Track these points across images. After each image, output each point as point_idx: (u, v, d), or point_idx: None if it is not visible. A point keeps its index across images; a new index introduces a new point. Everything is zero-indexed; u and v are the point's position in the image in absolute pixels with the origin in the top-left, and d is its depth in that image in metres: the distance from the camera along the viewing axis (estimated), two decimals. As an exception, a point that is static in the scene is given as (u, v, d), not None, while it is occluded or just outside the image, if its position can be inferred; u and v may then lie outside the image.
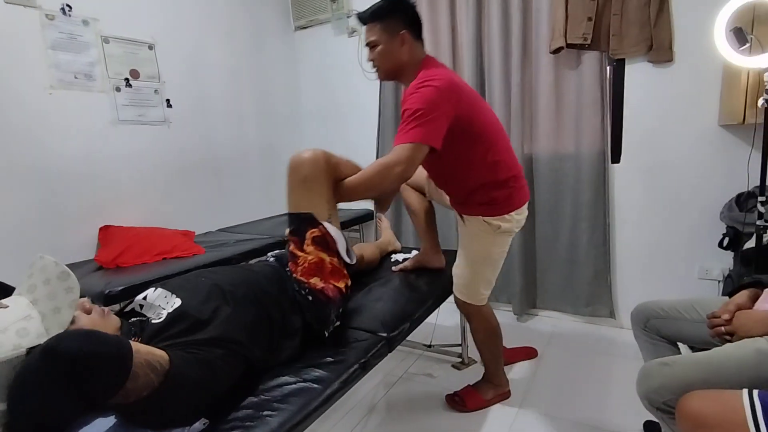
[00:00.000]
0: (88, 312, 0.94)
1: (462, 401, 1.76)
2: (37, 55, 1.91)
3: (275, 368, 1.15)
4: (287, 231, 1.36)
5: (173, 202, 2.47)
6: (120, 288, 1.60)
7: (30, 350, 0.80)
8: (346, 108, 3.12)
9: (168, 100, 2.43)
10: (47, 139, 1.95)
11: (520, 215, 1.55)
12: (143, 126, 2.32)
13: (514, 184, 1.51)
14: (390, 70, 1.50)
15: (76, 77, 2.04)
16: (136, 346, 0.84)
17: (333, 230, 1.33)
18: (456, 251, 1.69)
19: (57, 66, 1.97)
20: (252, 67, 2.94)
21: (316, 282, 1.27)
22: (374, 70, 1.52)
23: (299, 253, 1.29)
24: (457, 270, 1.67)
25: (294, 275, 1.29)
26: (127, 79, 2.24)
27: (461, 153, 1.43)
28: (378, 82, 2.82)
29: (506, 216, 1.50)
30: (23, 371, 0.77)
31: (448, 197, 1.65)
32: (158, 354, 0.87)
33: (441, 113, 1.31)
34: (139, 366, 0.81)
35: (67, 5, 1.99)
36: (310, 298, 1.24)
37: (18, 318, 0.82)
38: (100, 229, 2.10)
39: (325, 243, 1.31)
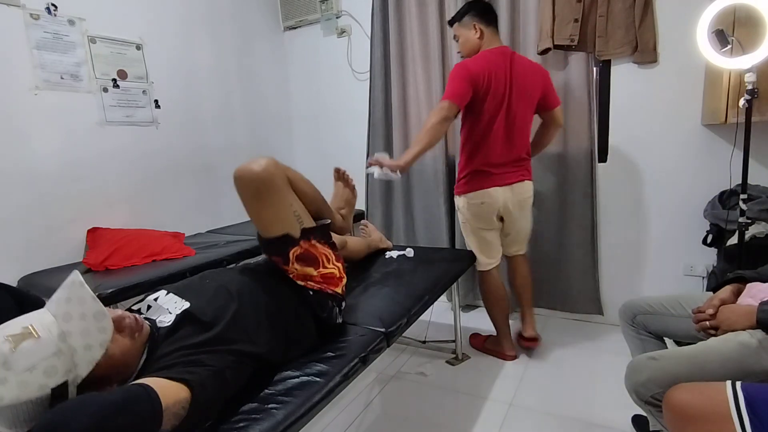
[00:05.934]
0: (121, 331, 0.90)
1: (472, 336, 2.30)
2: (21, 55, 1.88)
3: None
4: (265, 256, 1.34)
5: (162, 204, 2.45)
6: (109, 291, 1.59)
7: (54, 390, 0.76)
8: (335, 108, 3.12)
9: (156, 101, 2.41)
10: (33, 140, 1.92)
11: (475, 199, 1.95)
12: (131, 127, 2.29)
13: (473, 173, 1.94)
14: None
15: (62, 78, 2.01)
16: (162, 393, 0.80)
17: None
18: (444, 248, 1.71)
19: (42, 66, 1.94)
20: (241, 67, 2.92)
21: (312, 284, 1.31)
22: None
23: (287, 268, 1.27)
24: None
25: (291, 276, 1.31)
26: (114, 80, 2.21)
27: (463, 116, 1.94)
28: (368, 83, 2.83)
29: (459, 196, 2.02)
30: None
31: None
32: (182, 396, 0.85)
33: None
34: (167, 419, 0.80)
35: (53, 5, 1.96)
36: (311, 292, 1.29)
37: (48, 354, 0.78)
38: (89, 231, 2.08)
39: (311, 258, 1.27)
